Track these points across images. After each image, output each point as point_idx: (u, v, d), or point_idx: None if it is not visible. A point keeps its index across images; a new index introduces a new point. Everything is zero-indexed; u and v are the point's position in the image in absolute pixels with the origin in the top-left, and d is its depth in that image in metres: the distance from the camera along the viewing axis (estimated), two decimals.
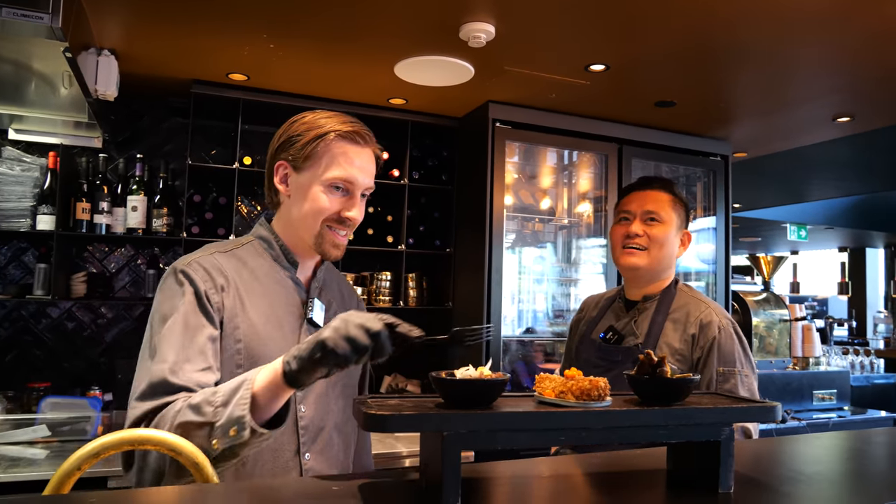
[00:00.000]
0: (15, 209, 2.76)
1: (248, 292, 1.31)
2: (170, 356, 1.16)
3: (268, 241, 1.39)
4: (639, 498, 0.92)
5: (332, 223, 1.33)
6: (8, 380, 2.88)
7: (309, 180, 1.32)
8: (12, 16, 1.81)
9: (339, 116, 1.35)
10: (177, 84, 2.96)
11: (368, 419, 0.79)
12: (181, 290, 1.24)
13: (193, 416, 1.06)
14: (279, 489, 0.91)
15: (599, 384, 0.88)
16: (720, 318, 1.72)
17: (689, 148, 3.56)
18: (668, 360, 1.66)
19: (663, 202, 1.81)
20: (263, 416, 1.07)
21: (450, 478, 0.79)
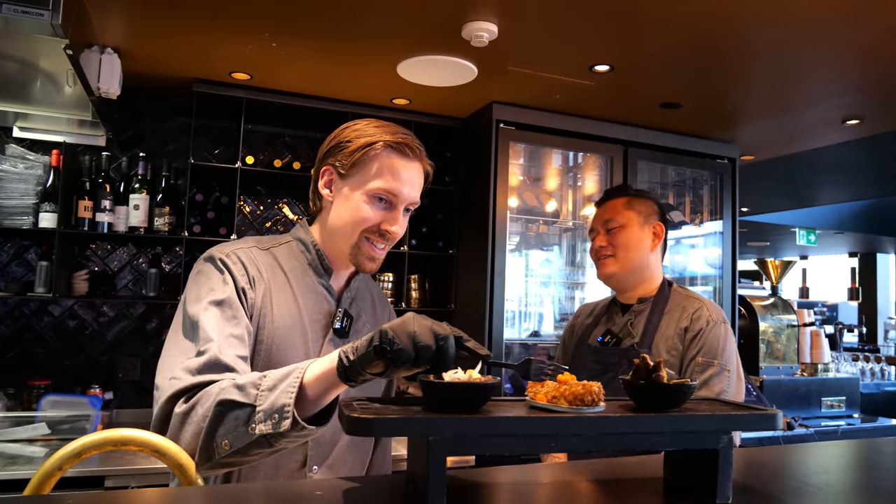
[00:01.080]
0: (18, 207, 2.76)
1: (278, 293, 1.28)
2: (214, 336, 1.12)
3: (305, 244, 1.36)
4: None
5: (370, 235, 1.29)
6: (9, 378, 2.88)
7: (353, 188, 1.29)
8: (13, 13, 1.81)
9: (390, 126, 1.33)
10: (179, 83, 2.96)
11: (352, 423, 0.77)
12: (222, 278, 1.22)
13: (237, 396, 1.01)
14: (261, 493, 0.88)
15: (593, 389, 0.85)
16: (711, 314, 1.74)
17: (695, 150, 3.52)
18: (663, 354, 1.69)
19: (619, 206, 1.87)
20: (311, 410, 1.01)
21: (435, 483, 0.77)
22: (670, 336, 1.73)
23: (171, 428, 1.05)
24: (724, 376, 1.65)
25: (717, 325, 1.71)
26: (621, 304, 1.91)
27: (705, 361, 1.66)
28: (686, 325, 1.72)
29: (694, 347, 1.68)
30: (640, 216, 1.86)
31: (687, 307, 1.77)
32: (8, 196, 2.75)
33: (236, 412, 1.00)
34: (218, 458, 1.02)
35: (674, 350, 1.71)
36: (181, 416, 1.04)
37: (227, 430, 1.01)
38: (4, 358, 2.94)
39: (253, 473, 1.23)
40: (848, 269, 9.47)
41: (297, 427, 0.97)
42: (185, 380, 1.07)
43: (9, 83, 2.55)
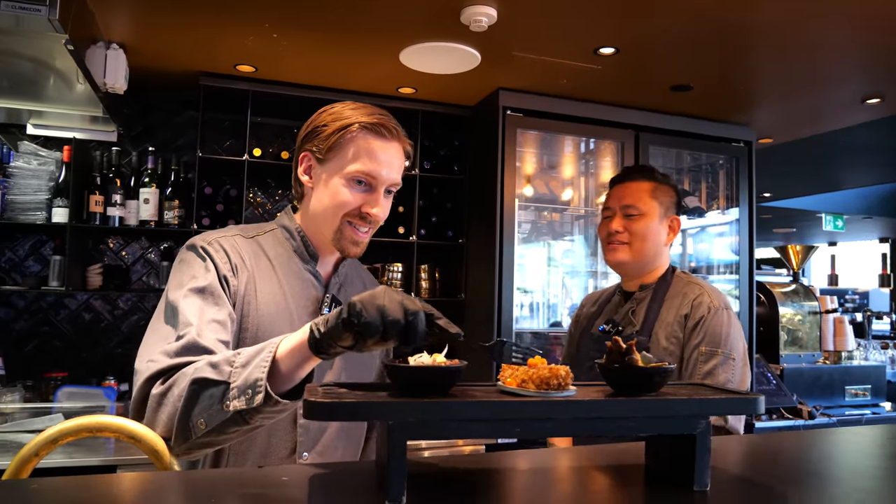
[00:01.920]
0: (31, 202, 2.81)
1: (262, 281, 1.28)
2: (194, 320, 1.12)
3: (290, 231, 1.35)
4: (607, 493, 0.87)
5: (352, 219, 1.27)
6: (27, 370, 2.94)
7: (331, 173, 1.27)
8: (11, 9, 1.83)
9: (366, 108, 1.30)
10: (186, 77, 2.98)
11: (310, 407, 0.75)
12: (204, 265, 1.22)
13: (211, 374, 1.00)
14: (229, 478, 0.88)
15: (560, 372, 0.83)
16: (712, 300, 1.68)
17: (709, 134, 3.44)
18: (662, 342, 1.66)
19: (642, 193, 1.78)
20: (286, 385, 1.00)
21: (395, 468, 0.75)
22: (670, 323, 1.69)
23: (147, 410, 1.04)
24: (729, 365, 1.59)
25: (720, 311, 1.66)
26: (624, 292, 1.88)
27: (709, 350, 1.61)
28: (686, 311, 1.68)
29: (696, 336, 1.63)
30: (662, 208, 1.79)
31: (688, 293, 1.72)
32: (22, 192, 2.80)
33: (211, 390, 1.00)
34: (195, 437, 1.02)
35: (673, 338, 1.66)
36: (158, 397, 1.04)
37: (203, 409, 1.00)
38: (23, 351, 3.00)
39: (242, 460, 1.23)
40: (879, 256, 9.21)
41: (271, 401, 0.96)
42: (161, 362, 1.06)
43: (23, 82, 2.59)
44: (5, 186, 2.78)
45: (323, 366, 1.31)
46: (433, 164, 3.39)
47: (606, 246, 1.82)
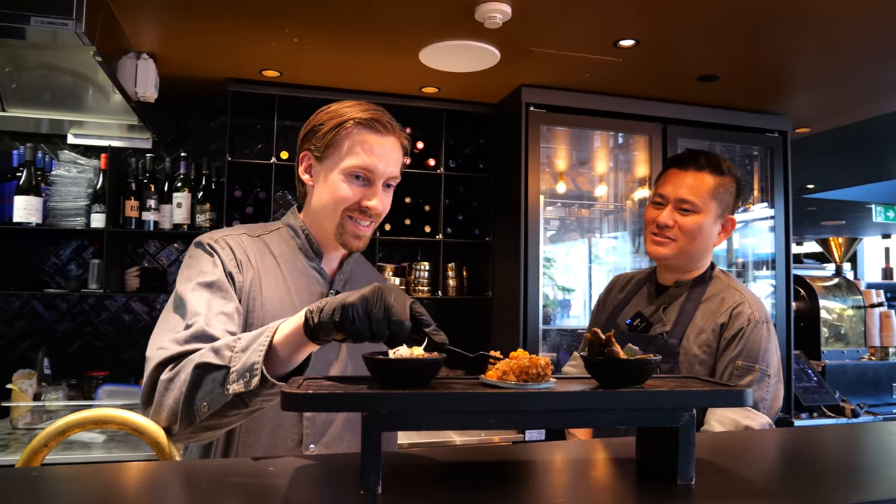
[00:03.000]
0: (71, 208, 2.93)
1: (267, 278, 1.31)
2: (202, 310, 1.16)
3: (295, 229, 1.39)
4: (590, 486, 0.86)
5: (352, 213, 1.30)
6: (72, 369, 3.07)
7: (329, 169, 1.31)
8: (40, 24, 1.92)
9: (361, 105, 1.33)
10: (214, 83, 3.06)
11: (285, 398, 0.77)
12: (211, 261, 1.26)
13: (213, 359, 1.04)
14: (217, 468, 0.91)
15: (539, 363, 0.83)
16: (754, 311, 1.58)
17: (741, 125, 3.34)
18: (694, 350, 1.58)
19: (703, 189, 1.62)
20: (284, 368, 1.02)
21: (369, 459, 0.77)
22: (705, 330, 1.59)
23: (156, 394, 1.08)
24: (765, 382, 1.52)
25: (760, 324, 1.56)
26: (658, 284, 1.75)
27: (745, 366, 1.52)
28: (724, 321, 1.57)
29: (733, 349, 1.54)
30: (720, 208, 1.64)
31: (726, 299, 1.61)
32: (63, 199, 2.93)
33: (213, 374, 1.03)
34: (199, 420, 1.05)
35: (706, 346, 1.58)
36: (166, 382, 1.08)
37: (206, 393, 1.03)
38: (67, 351, 3.14)
39: (251, 452, 1.27)
40: None
41: (267, 384, 0.98)
42: (171, 349, 1.10)
43: (64, 94, 2.72)
44: (47, 194, 2.91)
45: (328, 356, 1.34)
46: (459, 162, 3.40)
47: (650, 235, 1.67)
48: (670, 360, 1.58)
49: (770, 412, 1.50)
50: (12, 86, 2.69)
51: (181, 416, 1.06)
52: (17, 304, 3.09)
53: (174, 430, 1.06)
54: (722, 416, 1.49)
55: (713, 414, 1.51)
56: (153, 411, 1.09)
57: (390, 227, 3.30)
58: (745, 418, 1.47)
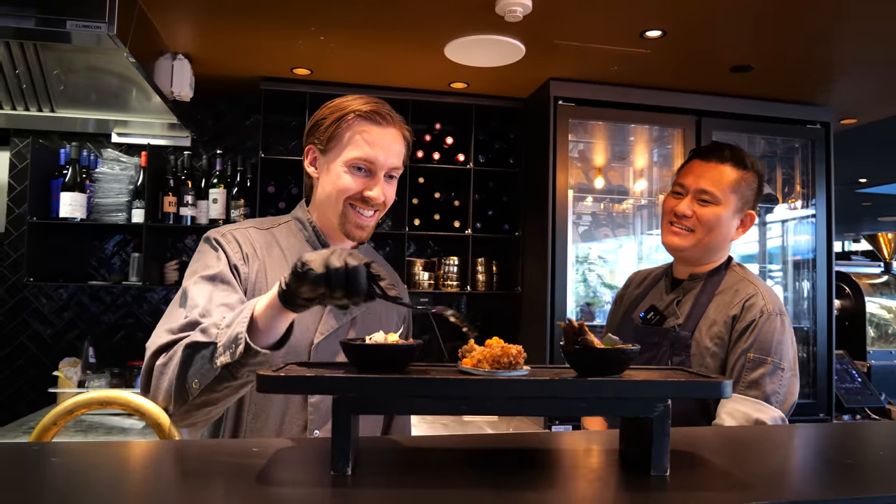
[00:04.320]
0: (113, 204, 3.07)
1: (273, 269, 1.35)
2: (201, 302, 1.21)
3: (302, 222, 1.43)
4: (563, 476, 0.86)
5: (355, 203, 1.34)
6: (115, 358, 3.21)
7: (332, 161, 1.34)
8: (75, 27, 2.02)
9: (362, 98, 1.36)
10: (248, 82, 3.15)
11: (259, 380, 0.80)
12: (216, 255, 1.31)
13: (201, 337, 1.09)
14: (205, 447, 0.94)
15: (511, 351, 0.83)
16: (766, 303, 1.55)
17: (779, 116, 3.23)
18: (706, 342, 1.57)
19: (724, 181, 1.60)
20: (266, 339, 1.07)
21: (339, 441, 0.79)
22: (717, 322, 1.57)
23: (152, 380, 1.14)
24: (778, 375, 1.48)
25: (773, 316, 1.53)
26: (673, 278, 1.74)
27: (757, 358, 1.50)
28: (736, 312, 1.55)
29: (745, 341, 1.52)
30: (741, 201, 1.62)
31: (740, 291, 1.59)
32: (105, 195, 3.06)
33: (202, 352, 1.08)
34: (191, 398, 1.10)
35: (718, 339, 1.56)
36: (160, 367, 1.13)
37: (196, 370, 1.08)
38: (111, 341, 3.28)
39: (256, 438, 1.31)
40: None
41: (251, 352, 1.02)
42: (164, 337, 1.16)
43: (108, 95, 2.84)
44: (92, 190, 3.05)
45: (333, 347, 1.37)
46: (488, 157, 3.40)
47: (668, 226, 1.66)
48: (682, 353, 1.57)
49: (784, 406, 1.47)
50: (60, 87, 2.82)
51: (174, 395, 1.10)
52: (65, 296, 3.26)
53: (170, 410, 1.11)
54: (733, 410, 1.47)
55: (723, 407, 1.49)
56: (151, 396, 1.14)
57: (420, 222, 3.33)
58: (757, 412, 1.45)
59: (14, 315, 3.20)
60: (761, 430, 1.31)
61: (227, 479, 0.78)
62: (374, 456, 0.89)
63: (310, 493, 0.75)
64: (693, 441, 1.06)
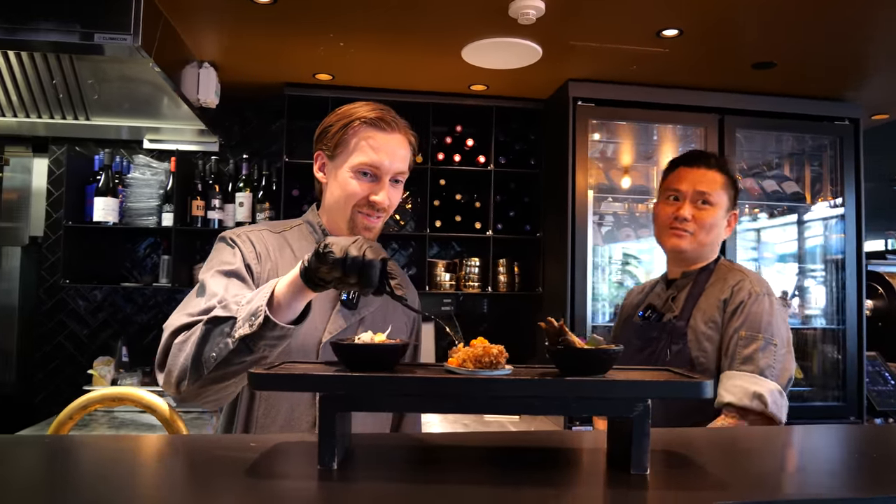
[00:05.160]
0: (144, 208, 3.18)
1: (286, 269, 1.36)
2: (219, 291, 1.25)
3: (313, 225, 1.48)
4: (544, 474, 0.88)
5: (361, 208, 1.39)
6: (147, 357, 3.32)
7: (339, 167, 1.39)
8: (103, 39, 2.11)
9: (368, 104, 1.41)
10: (272, 88, 3.22)
11: (251, 378, 0.84)
12: (232, 251, 1.37)
13: (221, 312, 1.13)
14: (206, 441, 0.99)
15: (492, 351, 0.85)
16: (753, 286, 1.66)
17: (805, 113, 3.16)
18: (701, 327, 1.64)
19: (717, 184, 1.74)
20: (285, 316, 1.10)
21: (325, 437, 0.82)
22: (709, 308, 1.67)
23: (169, 357, 1.18)
24: (770, 350, 1.56)
25: (761, 296, 1.62)
26: (667, 280, 1.85)
27: (749, 335, 1.58)
28: (727, 296, 1.65)
29: (736, 320, 1.61)
30: (729, 202, 1.77)
31: (729, 278, 1.70)
32: (137, 200, 3.18)
33: (221, 326, 1.11)
34: (206, 372, 1.12)
35: (711, 322, 1.65)
36: (178, 345, 1.17)
37: (214, 345, 1.11)
38: (143, 341, 3.40)
39: (267, 432, 1.36)
40: None
41: (269, 324, 1.06)
42: (184, 319, 1.20)
43: (140, 102, 2.95)
44: (124, 195, 3.16)
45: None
46: (509, 159, 3.41)
47: (668, 230, 1.76)
48: (680, 341, 1.66)
49: (780, 380, 1.55)
50: (94, 97, 2.94)
51: (189, 370, 1.13)
52: (100, 297, 3.38)
53: (182, 387, 1.14)
54: (730, 386, 1.54)
55: (722, 385, 1.56)
56: (166, 372, 1.17)
57: (441, 224, 3.36)
58: (754, 384, 1.52)
59: (52, 315, 3.34)
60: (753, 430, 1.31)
61: (218, 471, 0.82)
62: (366, 451, 0.92)
63: (292, 485, 0.79)
64: (685, 442, 1.06)
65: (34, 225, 3.38)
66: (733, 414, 1.52)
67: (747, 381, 1.53)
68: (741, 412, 1.50)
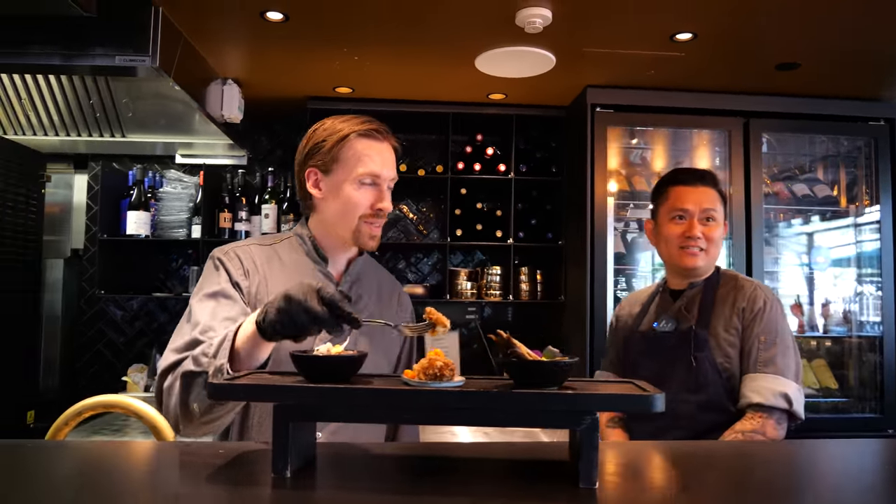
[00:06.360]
0: (175, 221, 3.30)
1: (274, 280, 1.44)
2: (202, 320, 1.30)
3: (302, 237, 1.52)
4: (492, 485, 0.88)
5: (367, 218, 1.43)
6: None
7: (339, 181, 1.43)
8: (124, 61, 2.21)
9: (355, 118, 1.46)
10: (295, 102, 3.30)
11: (209, 388, 0.88)
12: (217, 273, 1.41)
13: (193, 367, 1.18)
14: (182, 448, 1.03)
15: (436, 363, 0.86)
16: (766, 294, 1.76)
17: (836, 114, 3.06)
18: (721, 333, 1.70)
19: (717, 201, 1.82)
20: (251, 363, 1.13)
21: (279, 444, 0.85)
22: (727, 315, 1.74)
23: (163, 401, 1.24)
24: (788, 353, 1.69)
25: (774, 303, 1.74)
26: (671, 291, 1.86)
27: (768, 339, 1.69)
28: (744, 305, 1.74)
29: (756, 326, 1.71)
30: (724, 213, 1.84)
31: (741, 288, 1.78)
32: (168, 213, 3.30)
33: (197, 380, 1.17)
34: (197, 419, 1.19)
35: (733, 329, 1.73)
36: (167, 390, 1.23)
37: (195, 396, 1.17)
38: None
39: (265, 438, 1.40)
40: None
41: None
42: (168, 359, 1.25)
43: (174, 118, 3.07)
44: (156, 209, 3.29)
45: None
46: (530, 166, 3.41)
47: (679, 249, 1.80)
48: (704, 348, 1.71)
49: (796, 378, 1.66)
50: (129, 114, 3.08)
51: (181, 417, 1.20)
52: (136, 307, 3.52)
53: (181, 429, 1.21)
54: (757, 387, 1.62)
55: (746, 387, 1.64)
56: (164, 414, 1.25)
57: (462, 233, 3.37)
58: (779, 385, 1.61)
59: (92, 324, 3.50)
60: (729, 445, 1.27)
61: (175, 477, 0.86)
62: (330, 461, 0.94)
63: (241, 491, 0.81)
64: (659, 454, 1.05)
65: (75, 238, 3.54)
66: (761, 414, 1.59)
67: (771, 381, 1.62)
68: (768, 411, 1.59)
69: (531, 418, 0.85)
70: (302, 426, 0.89)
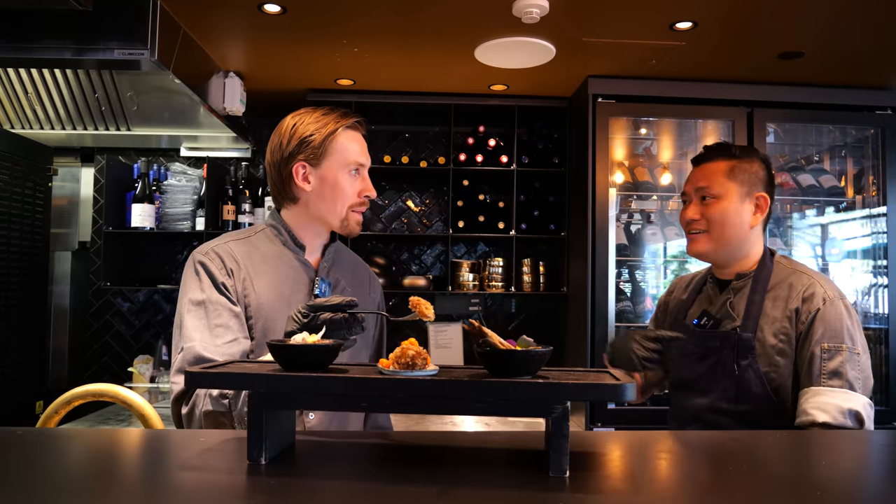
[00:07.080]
0: (179, 213, 3.33)
1: (257, 273, 1.46)
2: (196, 335, 1.33)
3: (277, 228, 1.54)
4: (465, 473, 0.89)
5: (355, 206, 1.50)
6: None
7: (329, 172, 1.47)
8: (123, 54, 2.23)
9: (335, 111, 1.52)
10: (297, 94, 3.31)
11: (186, 376, 0.89)
12: (198, 278, 1.42)
13: (216, 407, 1.23)
14: (164, 436, 1.04)
15: (408, 352, 0.87)
16: (826, 290, 1.51)
17: (842, 103, 3.02)
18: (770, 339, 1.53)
19: (717, 174, 1.60)
20: None
21: (254, 434, 0.86)
22: (778, 318, 1.53)
23: (184, 425, 1.28)
24: (855, 361, 1.44)
25: (835, 301, 1.48)
26: (718, 280, 1.69)
27: (833, 347, 1.45)
28: (797, 305, 1.51)
29: (815, 332, 1.47)
30: (743, 187, 1.59)
31: (795, 284, 1.54)
32: (172, 205, 3.33)
33: (221, 419, 1.23)
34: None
35: (783, 335, 1.51)
36: (186, 417, 1.27)
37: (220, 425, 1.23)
38: None
39: None
40: None
41: None
42: (179, 383, 1.29)
43: (178, 112, 3.09)
44: (161, 202, 3.33)
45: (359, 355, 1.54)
46: (533, 158, 3.39)
47: (687, 236, 1.67)
48: (748, 355, 1.52)
49: (866, 391, 1.43)
50: (133, 108, 3.10)
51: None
52: (142, 299, 3.56)
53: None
54: (821, 403, 1.40)
55: (808, 402, 1.42)
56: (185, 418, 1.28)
57: (464, 224, 3.38)
58: (847, 402, 1.39)
59: (100, 316, 3.55)
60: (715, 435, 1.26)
61: (155, 463, 0.87)
62: (309, 448, 0.95)
63: (215, 477, 0.82)
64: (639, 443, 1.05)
65: (83, 231, 3.59)
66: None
67: (839, 397, 1.39)
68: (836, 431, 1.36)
69: (503, 407, 0.85)
70: (279, 414, 0.91)
